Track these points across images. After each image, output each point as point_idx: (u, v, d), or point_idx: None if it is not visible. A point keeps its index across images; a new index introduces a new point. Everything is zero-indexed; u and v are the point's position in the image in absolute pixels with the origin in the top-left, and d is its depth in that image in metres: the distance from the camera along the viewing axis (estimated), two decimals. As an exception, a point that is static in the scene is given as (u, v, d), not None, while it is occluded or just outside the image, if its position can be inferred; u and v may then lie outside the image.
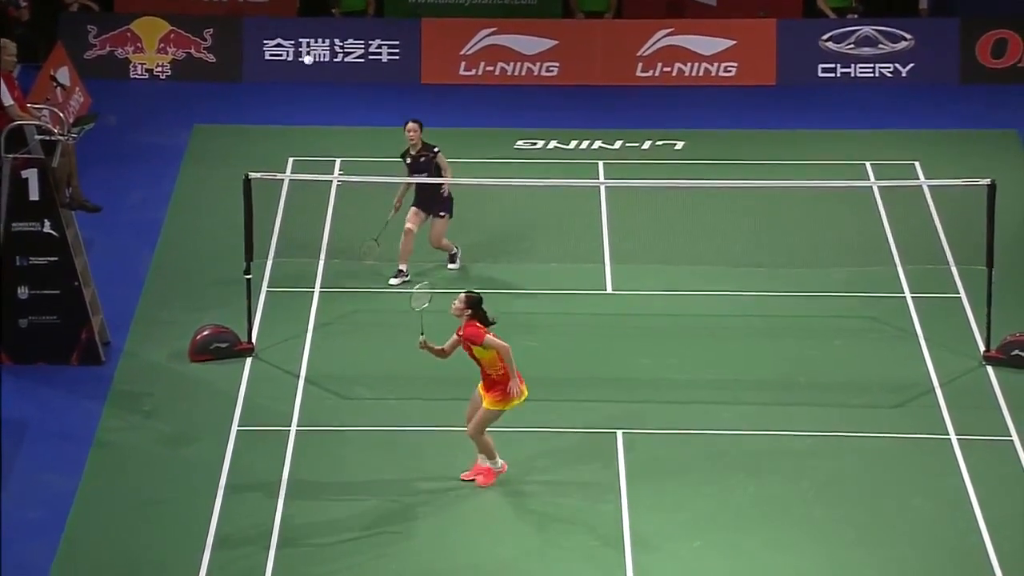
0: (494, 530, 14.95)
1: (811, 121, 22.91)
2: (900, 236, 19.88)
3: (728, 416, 16.57)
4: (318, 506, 15.33)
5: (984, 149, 21.90)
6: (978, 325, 17.84)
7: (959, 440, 16.19)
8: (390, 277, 18.91)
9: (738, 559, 14.60)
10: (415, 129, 18.90)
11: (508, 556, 14.66)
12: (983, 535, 14.82)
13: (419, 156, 18.93)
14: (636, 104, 23.66)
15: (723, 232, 19.81)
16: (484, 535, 14.86)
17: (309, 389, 17.12)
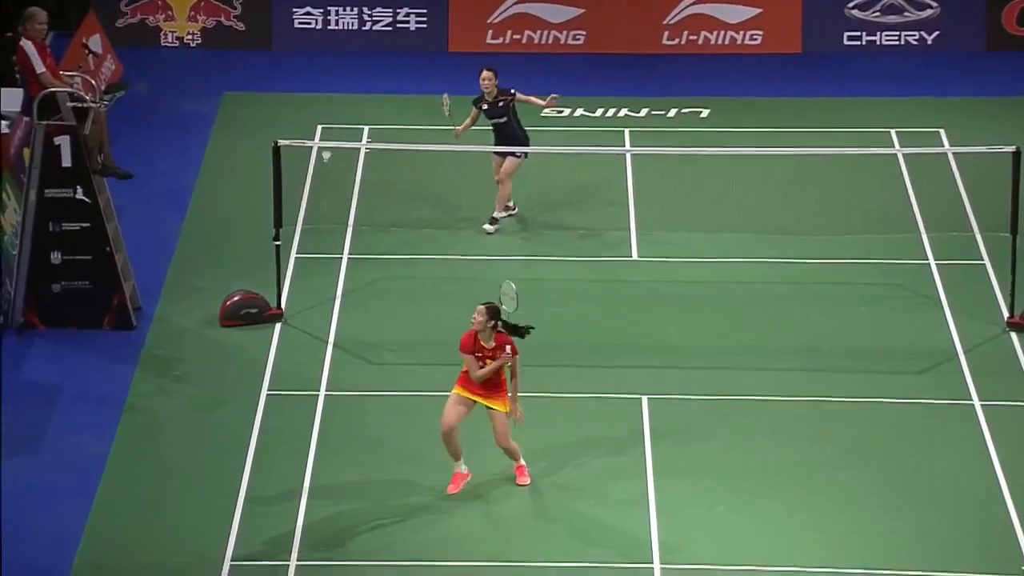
0: (519, 494, 14.95)
1: (836, 89, 22.78)
2: (924, 203, 19.78)
3: (752, 382, 16.53)
4: (346, 470, 15.35)
5: (1009, 116, 21.75)
6: (1002, 292, 17.75)
7: (982, 406, 16.12)
8: (484, 223, 19.11)
9: (762, 523, 14.58)
10: (489, 77, 19.07)
11: (532, 519, 14.66)
12: (1006, 500, 14.77)
13: (496, 102, 19.09)
14: (662, 72, 23.56)
15: (748, 200, 19.73)
16: (509, 499, 14.87)
17: (337, 354, 17.14)
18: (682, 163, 20.16)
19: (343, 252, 18.98)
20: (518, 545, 14.36)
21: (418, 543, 14.38)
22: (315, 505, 14.83)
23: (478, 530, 14.55)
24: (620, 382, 16.56)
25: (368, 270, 18.69)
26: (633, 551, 14.27)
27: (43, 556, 14.20)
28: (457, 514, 14.66)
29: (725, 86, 23.05)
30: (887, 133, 21.36)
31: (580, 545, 14.36)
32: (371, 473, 15.32)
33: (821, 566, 14.10)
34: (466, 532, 14.51)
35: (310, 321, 17.71)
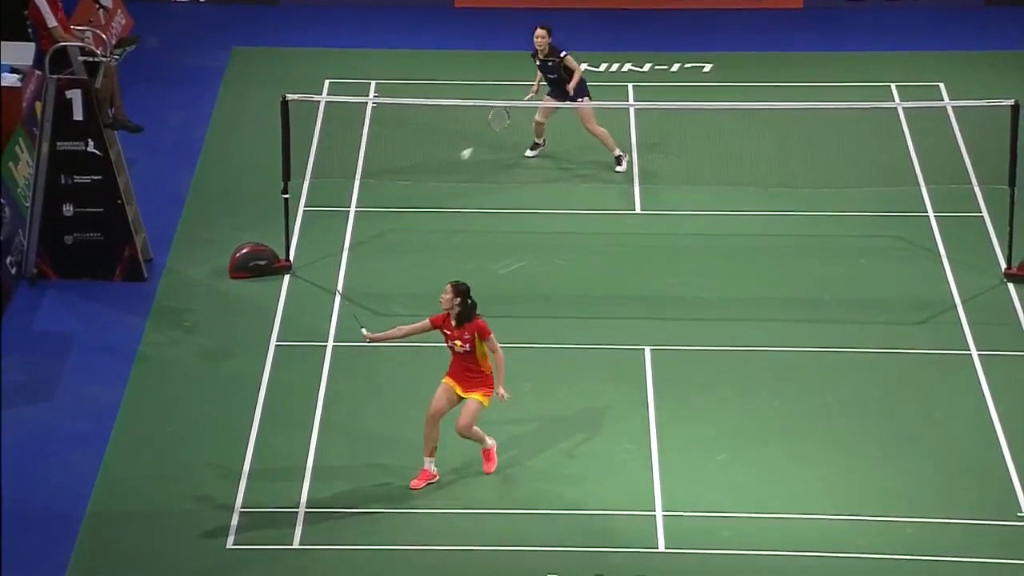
0: (526, 443, 14.94)
1: (837, 44, 22.64)
2: (924, 156, 19.67)
3: (754, 333, 16.48)
4: (353, 418, 15.34)
5: (1008, 70, 21.61)
6: (1000, 243, 17.68)
7: (980, 356, 16.08)
8: (527, 149, 19.32)
9: (763, 471, 14.57)
10: (543, 35, 19.07)
11: (540, 467, 14.65)
12: (1003, 449, 14.75)
13: (547, 60, 19.10)
14: (665, 27, 23.40)
15: (750, 153, 19.63)
16: (515, 447, 14.86)
17: (345, 306, 17.09)
18: (685, 117, 20.04)
19: (350, 205, 18.91)
20: (523, 493, 14.36)
21: (423, 492, 14.35)
22: (322, 452, 14.82)
23: (476, 480, 14.52)
24: (623, 333, 16.52)
25: (375, 223, 18.63)
26: (636, 499, 14.26)
27: (57, 501, 14.20)
28: (456, 462, 14.63)
29: (727, 41, 22.91)
30: (888, 87, 21.22)
31: (584, 493, 14.35)
32: (377, 421, 15.31)
33: (821, 513, 14.09)
34: (465, 481, 14.48)
35: (318, 273, 17.66)
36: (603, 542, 13.82)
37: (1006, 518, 13.96)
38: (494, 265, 17.81)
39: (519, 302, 17.07)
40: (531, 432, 15.06)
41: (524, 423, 15.19)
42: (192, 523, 14.04)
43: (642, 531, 13.94)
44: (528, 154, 19.45)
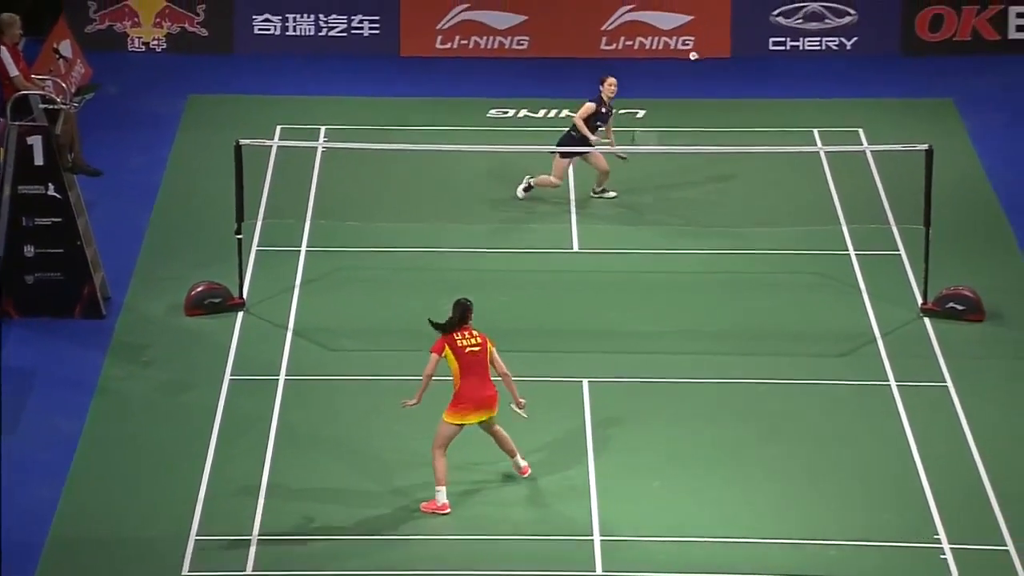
0: (469, 470, 14.93)
1: (763, 91, 22.84)
2: (845, 197, 19.86)
3: (687, 365, 16.55)
4: (305, 450, 15.29)
5: (922, 116, 21.86)
6: (916, 280, 17.85)
7: (898, 386, 16.22)
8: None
9: (696, 496, 14.62)
10: (616, 84, 19.34)
11: (483, 493, 14.64)
12: (920, 475, 14.86)
13: (610, 108, 19.37)
14: (600, 75, 23.54)
15: (682, 194, 19.75)
16: (460, 476, 14.84)
17: (297, 341, 17.07)
18: (619, 160, 20.17)
19: (302, 245, 18.89)
20: (463, 520, 14.34)
21: (374, 518, 14.34)
22: (276, 483, 14.76)
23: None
24: (562, 366, 16.56)
25: (326, 262, 18.61)
26: (574, 524, 14.28)
27: (18, 530, 14.07)
28: (404, 490, 14.62)
29: (659, 88, 23.07)
30: (810, 132, 21.42)
31: (525, 518, 14.36)
32: (328, 452, 15.27)
33: (750, 536, 14.15)
34: (413, 508, 14.45)
35: (270, 310, 17.62)
36: (543, 566, 13.82)
37: (923, 540, 14.07)
38: (440, 301, 17.82)
39: (463, 337, 17.07)
40: (475, 460, 15.06)
41: (468, 451, 15.19)
42: (149, 550, 13.94)
43: (580, 555, 13.95)
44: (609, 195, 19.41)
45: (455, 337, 14.17)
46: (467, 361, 14.10)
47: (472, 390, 14.10)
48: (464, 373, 14.13)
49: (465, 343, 14.15)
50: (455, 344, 14.15)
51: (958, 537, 14.03)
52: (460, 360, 14.12)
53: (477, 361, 14.08)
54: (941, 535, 14.05)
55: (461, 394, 14.20)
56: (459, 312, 14.28)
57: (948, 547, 13.92)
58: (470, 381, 14.09)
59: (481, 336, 14.26)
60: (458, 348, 14.13)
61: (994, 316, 17.36)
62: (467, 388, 14.12)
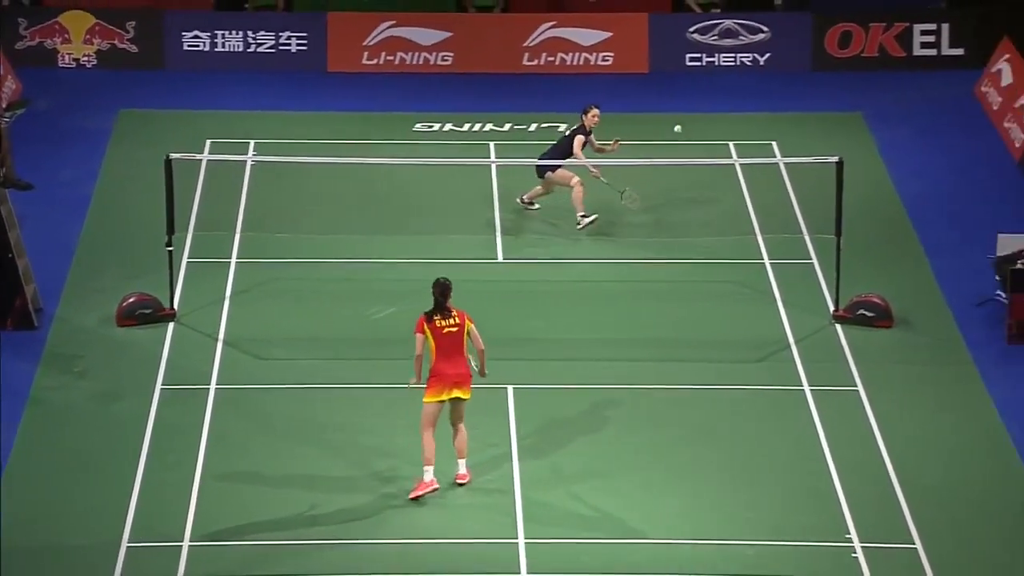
0: (397, 477, 14.89)
1: (680, 105, 22.97)
2: (759, 208, 20.01)
3: (609, 372, 16.61)
4: (235, 458, 15.20)
5: (833, 130, 22.08)
6: (828, 288, 18.01)
7: (812, 391, 16.35)
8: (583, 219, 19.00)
9: (618, 500, 14.66)
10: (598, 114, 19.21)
11: (407, 503, 14.59)
12: (832, 476, 14.99)
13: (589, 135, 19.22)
14: (523, 90, 23.61)
15: (603, 205, 19.81)
16: (385, 483, 14.81)
17: (227, 351, 16.96)
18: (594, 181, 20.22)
19: (231, 256, 18.77)
20: (391, 525, 14.31)
21: (301, 524, 14.27)
22: (207, 490, 14.66)
23: (355, 512, 14.47)
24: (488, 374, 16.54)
25: (256, 273, 18.51)
26: (499, 527, 14.28)
27: (-49, 541, 13.88)
28: (336, 497, 14.57)
29: (580, 102, 23.11)
30: (726, 145, 21.58)
31: (451, 523, 14.34)
32: (259, 460, 15.17)
33: (670, 537, 14.21)
34: (342, 514, 14.42)
35: (201, 320, 17.50)
36: (468, 569, 13.81)
37: (835, 540, 14.19)
38: (368, 311, 17.79)
39: (391, 345, 17.05)
40: (402, 466, 15.03)
41: (395, 458, 15.15)
42: (81, 558, 13.80)
43: (505, 558, 13.95)
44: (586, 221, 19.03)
45: (435, 319, 14.37)
46: (443, 342, 14.35)
47: (445, 367, 14.34)
48: (439, 352, 14.35)
49: (443, 323, 14.38)
50: (434, 326, 14.37)
51: (869, 536, 14.16)
52: (437, 340, 14.37)
53: (453, 341, 14.36)
54: (852, 534, 14.18)
55: (436, 372, 14.37)
56: (438, 291, 14.46)
57: (859, 546, 14.05)
58: (443, 359, 14.34)
59: (460, 315, 14.45)
60: (437, 329, 14.36)
61: (902, 322, 17.56)
62: (440, 365, 14.34)
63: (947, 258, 18.75)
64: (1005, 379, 16.55)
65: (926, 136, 22.03)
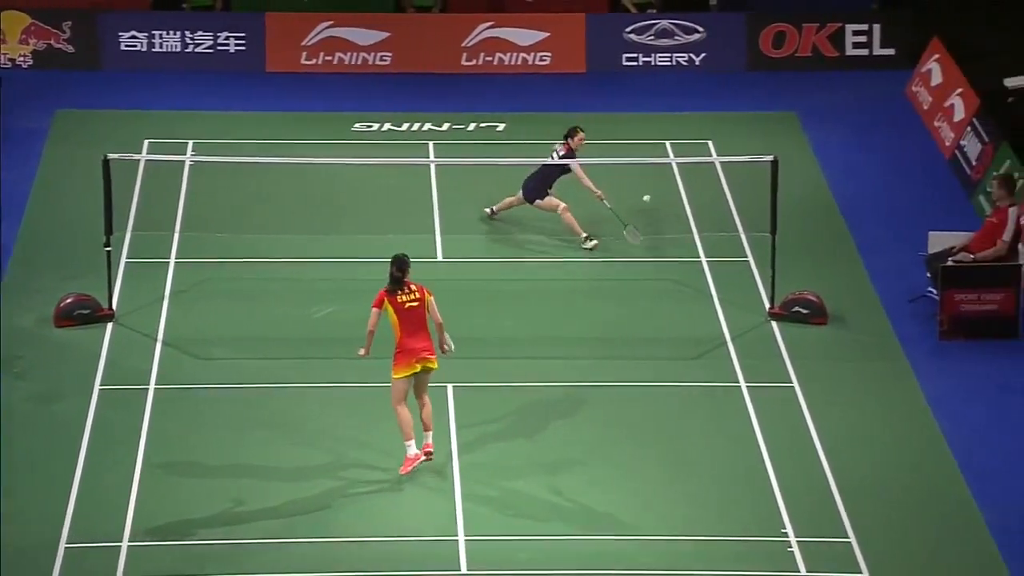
0: (338, 475, 14.84)
1: (617, 105, 23.04)
2: (696, 207, 20.09)
3: (549, 370, 16.62)
4: (174, 457, 15.10)
5: (768, 129, 22.20)
6: (763, 285, 18.11)
7: (748, 387, 16.44)
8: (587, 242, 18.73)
9: (558, 496, 14.68)
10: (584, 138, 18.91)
11: (350, 497, 14.57)
12: (768, 471, 15.08)
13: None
14: (462, 90, 23.59)
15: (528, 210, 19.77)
16: (324, 480, 14.76)
17: (166, 351, 16.84)
18: (482, 172, 20.21)
19: (170, 257, 18.65)
20: (332, 523, 14.26)
21: (240, 523, 14.20)
22: (146, 490, 14.55)
23: (295, 511, 14.41)
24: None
25: (194, 273, 18.39)
26: (439, 525, 14.27)
27: None
28: (276, 496, 14.51)
29: (519, 102, 23.17)
30: (662, 144, 21.65)
31: (390, 522, 14.31)
32: (198, 460, 15.08)
33: (611, 533, 14.25)
34: (283, 513, 14.35)
35: (140, 320, 17.36)
36: (409, 567, 13.79)
37: (771, 535, 14.28)
38: (308, 310, 17.72)
39: (331, 344, 17.01)
40: (344, 464, 14.98)
41: (336, 455, 15.10)
42: (20, 558, 13.67)
43: (445, 555, 13.94)
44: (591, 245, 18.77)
45: (396, 293, 14.45)
46: (405, 316, 14.47)
47: (411, 342, 14.49)
48: (403, 326, 14.48)
49: (404, 299, 14.50)
50: (395, 300, 14.48)
51: (804, 531, 14.26)
52: (400, 315, 14.49)
53: (416, 316, 14.50)
54: (788, 529, 14.27)
55: (402, 346, 14.50)
56: (396, 266, 14.56)
57: (795, 540, 14.14)
58: (408, 334, 14.48)
59: (420, 289, 14.59)
60: (397, 304, 14.48)
61: (836, 319, 17.69)
62: (406, 340, 14.50)
63: (880, 255, 18.92)
64: (936, 374, 16.72)
65: (859, 136, 22.21)
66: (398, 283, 14.56)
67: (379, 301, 14.56)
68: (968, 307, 17.35)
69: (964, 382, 16.65)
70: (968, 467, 15.08)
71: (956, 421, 15.85)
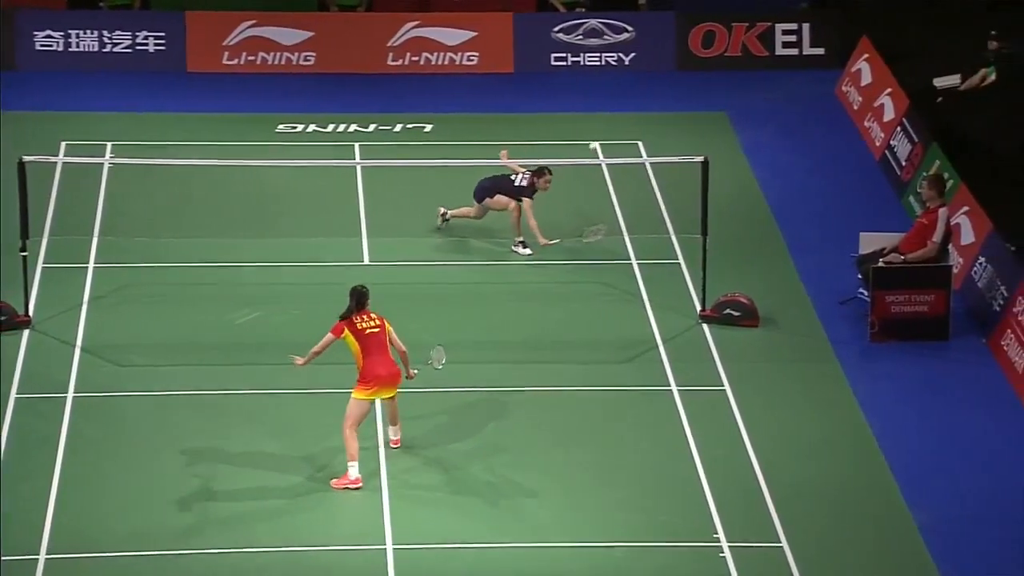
0: (261, 483, 14.78)
1: (546, 105, 23.10)
2: (626, 208, 20.18)
3: (479, 375, 16.63)
4: (94, 467, 14.97)
5: (698, 129, 22.34)
6: (694, 287, 18.22)
7: (679, 391, 16.53)
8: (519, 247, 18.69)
9: (488, 504, 14.69)
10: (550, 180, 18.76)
11: (274, 507, 14.51)
12: (700, 475, 15.16)
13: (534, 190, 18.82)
14: (388, 91, 23.56)
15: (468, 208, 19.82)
16: (250, 484, 14.69)
17: (85, 358, 16.70)
18: (409, 174, 20.19)
19: (89, 261, 18.49)
20: (254, 533, 14.19)
21: (161, 534, 14.10)
22: (64, 501, 14.42)
23: (217, 521, 14.33)
24: (354, 378, 16.47)
25: (114, 278, 18.24)
26: (367, 534, 14.23)
27: None
28: (197, 506, 14.42)
29: (446, 103, 23.17)
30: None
31: (316, 531, 14.26)
32: (118, 469, 14.96)
33: (542, 540, 14.27)
34: (206, 522, 14.27)
35: (58, 327, 17.20)
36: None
37: (703, 540, 14.36)
38: (231, 315, 17.63)
39: (255, 350, 16.93)
40: (267, 472, 14.92)
41: (259, 466, 15.04)
42: (-65, 576, 13.50)
43: (373, 565, 13.91)
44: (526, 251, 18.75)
45: (354, 320, 14.75)
46: (368, 342, 14.75)
47: (377, 367, 14.74)
48: (366, 353, 14.75)
49: (364, 325, 14.80)
50: (355, 327, 14.78)
51: (736, 535, 14.35)
52: (361, 342, 14.76)
53: (377, 341, 14.77)
54: (720, 534, 14.36)
55: (368, 372, 14.74)
56: (355, 299, 14.89)
57: (727, 546, 14.24)
58: (373, 359, 14.74)
59: (379, 318, 14.92)
60: (358, 331, 14.76)
61: (768, 321, 17.83)
62: (372, 366, 14.74)
63: (811, 257, 19.09)
64: (867, 376, 16.89)
65: (789, 136, 22.40)
66: (355, 311, 14.84)
67: (338, 329, 14.80)
68: (899, 308, 17.54)
69: (895, 384, 16.83)
70: (899, 469, 15.25)
71: (887, 423, 16.02)
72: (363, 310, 14.87)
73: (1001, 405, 16.42)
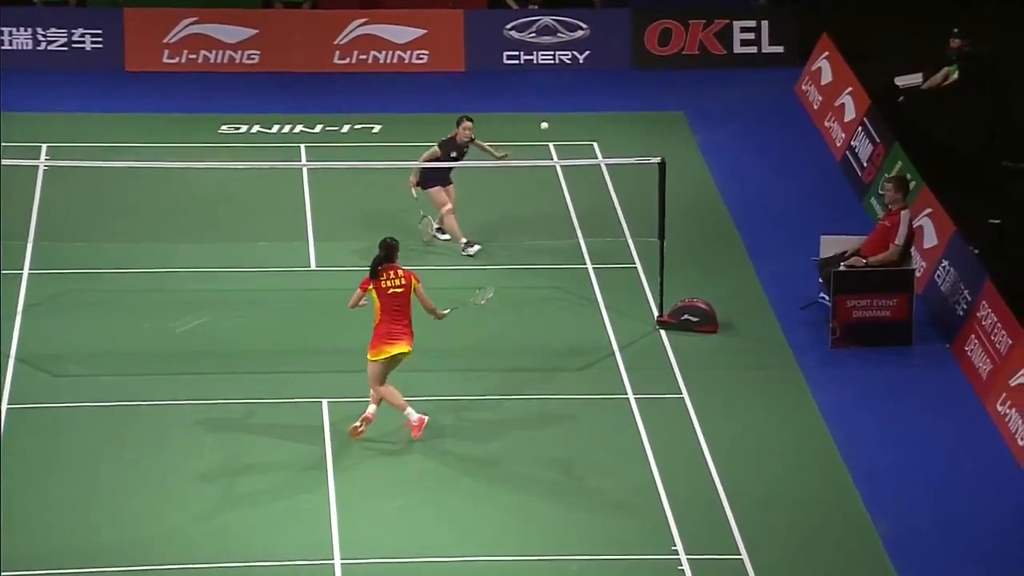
0: (206, 497, 14.70)
1: (498, 105, 23.10)
2: (581, 211, 20.20)
3: (430, 383, 16.55)
4: (32, 481, 14.85)
5: (655, 129, 22.39)
6: (652, 292, 18.26)
7: (636, 398, 16.56)
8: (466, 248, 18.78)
9: (440, 515, 14.67)
10: (472, 127, 18.75)
11: (219, 521, 14.44)
12: (658, 486, 15.18)
13: (465, 146, 18.76)
14: (335, 90, 23.52)
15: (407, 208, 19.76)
16: (195, 501, 14.62)
17: (20, 368, 16.57)
18: (356, 176, 20.15)
19: (23, 268, 18.35)
20: (202, 547, 14.12)
21: (100, 550, 14.01)
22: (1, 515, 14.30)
23: (159, 533, 14.25)
24: (301, 386, 16.44)
25: (50, 285, 18.12)
26: (314, 548, 14.18)
27: None
28: (139, 520, 14.34)
29: (395, 103, 23.15)
30: (545, 146, 21.74)
31: (263, 545, 14.20)
32: (54, 483, 14.86)
33: (495, 554, 14.26)
34: (147, 534, 14.19)
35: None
36: (284, 592, 13.72)
37: (661, 552, 14.38)
38: (172, 323, 17.54)
39: (198, 358, 16.85)
40: (211, 487, 14.84)
41: (203, 480, 14.96)
42: None
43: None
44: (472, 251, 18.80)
45: (380, 278, 15.13)
46: (388, 302, 15.14)
47: (389, 325, 15.15)
48: (384, 311, 15.17)
49: (389, 284, 15.18)
50: (379, 285, 15.17)
51: (695, 547, 14.37)
52: (382, 300, 15.18)
53: (398, 302, 15.15)
54: (678, 546, 14.38)
55: (379, 331, 15.18)
56: (384, 250, 15.23)
57: (685, 558, 14.26)
58: (387, 318, 15.16)
59: (407, 275, 15.25)
60: (381, 289, 15.16)
61: (726, 327, 17.88)
62: (386, 327, 15.16)
63: (771, 260, 19.16)
64: (829, 382, 16.97)
65: (748, 136, 22.49)
66: (384, 262, 15.11)
67: (365, 284, 15.20)
68: (861, 313, 17.63)
69: (857, 390, 16.92)
70: (860, 476, 15.32)
71: (849, 430, 16.09)
72: (391, 264, 15.17)
73: (965, 411, 16.53)
